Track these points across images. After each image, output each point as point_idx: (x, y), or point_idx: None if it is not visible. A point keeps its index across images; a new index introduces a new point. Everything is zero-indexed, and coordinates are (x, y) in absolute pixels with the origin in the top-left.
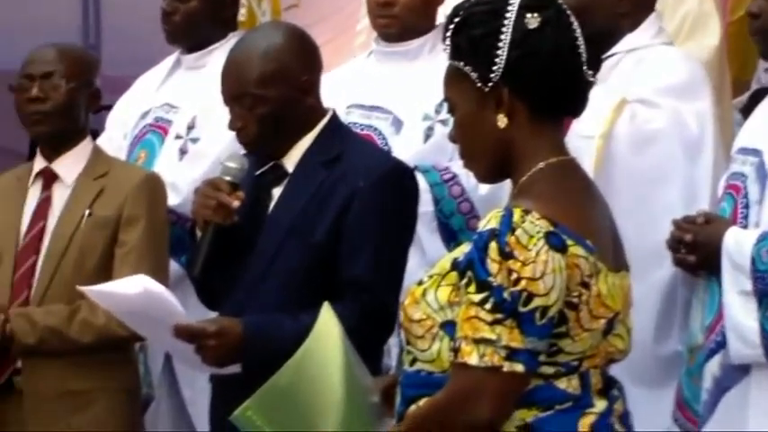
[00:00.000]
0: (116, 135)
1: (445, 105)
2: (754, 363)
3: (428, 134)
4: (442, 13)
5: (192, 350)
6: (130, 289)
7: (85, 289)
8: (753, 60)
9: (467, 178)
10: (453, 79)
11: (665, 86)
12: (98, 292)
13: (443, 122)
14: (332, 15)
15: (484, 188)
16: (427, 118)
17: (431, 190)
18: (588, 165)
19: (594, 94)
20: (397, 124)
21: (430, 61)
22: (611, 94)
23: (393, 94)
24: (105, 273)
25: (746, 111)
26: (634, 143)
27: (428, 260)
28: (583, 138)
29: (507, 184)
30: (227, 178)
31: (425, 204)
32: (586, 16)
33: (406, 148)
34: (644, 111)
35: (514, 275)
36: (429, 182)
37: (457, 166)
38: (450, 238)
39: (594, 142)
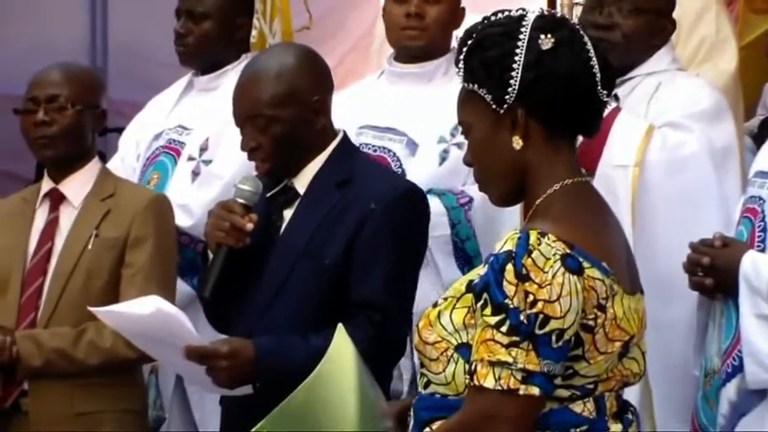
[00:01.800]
0: (129, 156)
1: (460, 128)
2: None
3: (443, 157)
4: (456, 37)
5: (204, 371)
6: (143, 309)
7: (97, 310)
8: (758, 86)
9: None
10: (467, 102)
11: (693, 112)
12: (109, 312)
13: (459, 146)
14: (343, 37)
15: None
16: (442, 141)
17: (447, 213)
18: (624, 194)
19: (621, 121)
20: (412, 146)
21: (444, 84)
22: (637, 121)
23: (407, 115)
24: (112, 294)
25: (757, 136)
26: (668, 170)
27: (443, 283)
28: (616, 167)
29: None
30: (241, 200)
31: (441, 227)
32: (630, 48)
33: (420, 170)
34: (674, 135)
35: (531, 298)
36: (445, 205)
37: (473, 191)
38: (466, 261)
39: (630, 171)
